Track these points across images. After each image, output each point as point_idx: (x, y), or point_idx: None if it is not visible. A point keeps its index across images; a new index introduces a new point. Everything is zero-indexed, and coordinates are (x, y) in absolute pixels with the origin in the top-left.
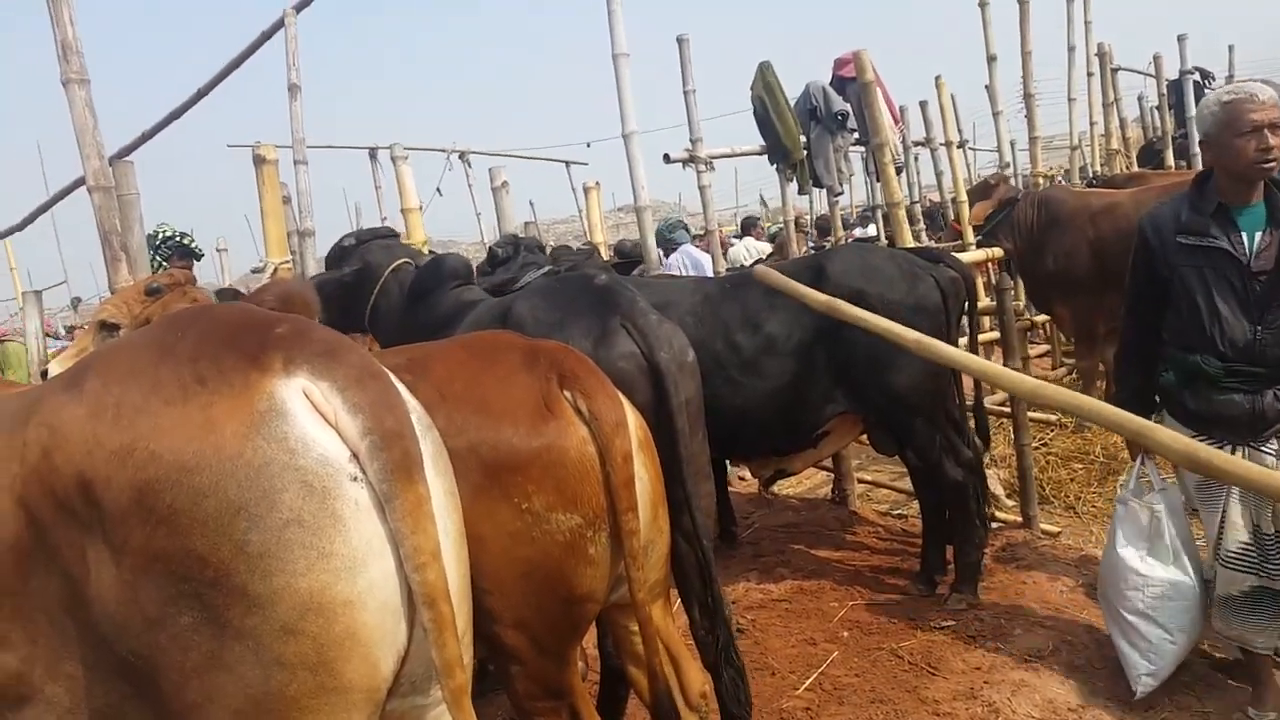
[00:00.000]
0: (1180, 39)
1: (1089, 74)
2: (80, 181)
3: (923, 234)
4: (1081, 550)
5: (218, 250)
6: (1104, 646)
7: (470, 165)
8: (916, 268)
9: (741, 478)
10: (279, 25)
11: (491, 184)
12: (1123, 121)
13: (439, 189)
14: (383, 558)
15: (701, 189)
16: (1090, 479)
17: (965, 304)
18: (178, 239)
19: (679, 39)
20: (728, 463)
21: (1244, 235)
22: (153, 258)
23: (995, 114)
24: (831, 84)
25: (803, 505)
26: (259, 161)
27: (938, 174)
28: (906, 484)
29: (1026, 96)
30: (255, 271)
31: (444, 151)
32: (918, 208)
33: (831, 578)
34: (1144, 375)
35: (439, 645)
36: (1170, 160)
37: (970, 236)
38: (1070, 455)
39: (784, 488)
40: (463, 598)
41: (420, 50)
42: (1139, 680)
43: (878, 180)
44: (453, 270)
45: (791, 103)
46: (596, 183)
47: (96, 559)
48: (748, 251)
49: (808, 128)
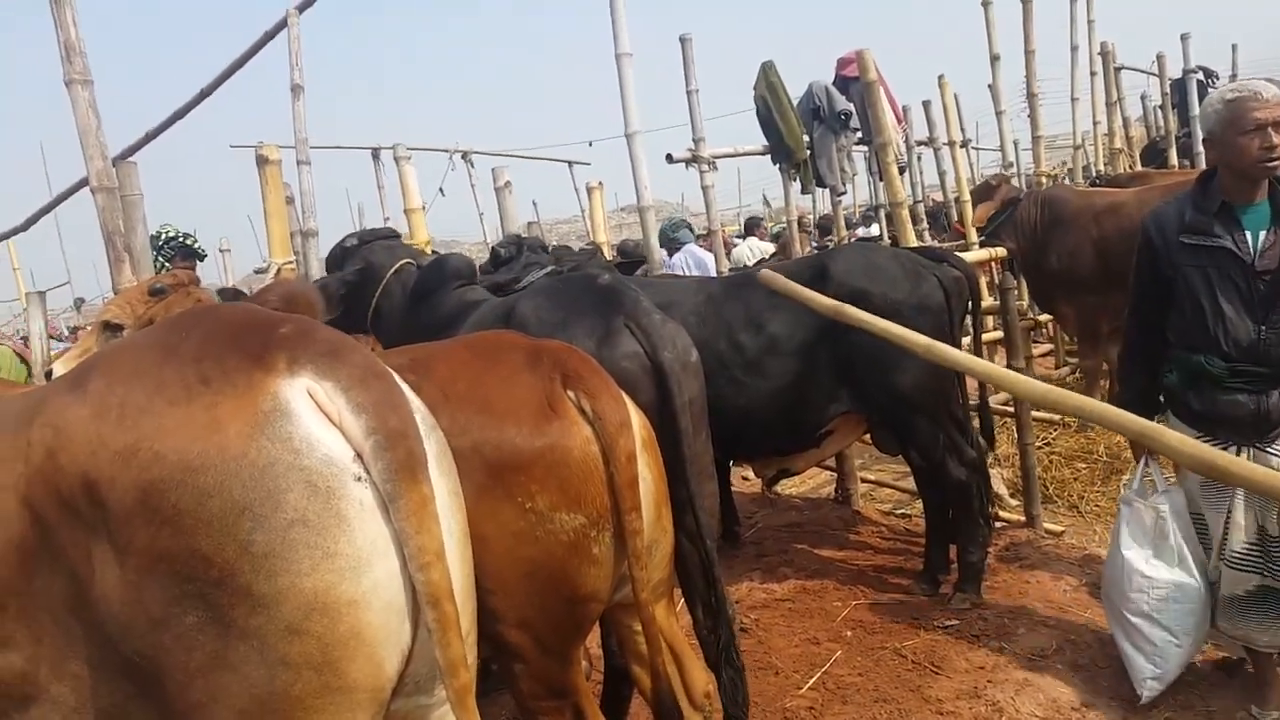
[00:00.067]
0: (1184, 38)
1: (1092, 73)
2: (83, 182)
3: (925, 233)
4: (1085, 549)
5: (221, 251)
6: (1107, 646)
7: (473, 165)
8: (920, 267)
9: (745, 477)
10: (282, 26)
11: (494, 184)
12: (1126, 121)
13: (442, 189)
14: (387, 557)
15: (704, 189)
16: (1094, 478)
17: (968, 303)
18: (181, 239)
19: (682, 39)
20: (730, 462)
21: (1248, 234)
22: (155, 258)
23: (998, 113)
24: (834, 83)
25: (806, 505)
26: (262, 162)
27: (941, 173)
28: (910, 483)
29: (1030, 96)
30: (259, 272)
31: (447, 151)
32: (921, 207)
33: (835, 577)
34: (1148, 375)
35: (443, 645)
36: (1174, 159)
37: (974, 236)
38: (1073, 454)
39: (787, 487)
40: (467, 597)
41: (423, 50)
42: (1144, 684)
43: (881, 180)
44: (455, 270)
45: (794, 102)
46: (599, 183)
47: (101, 559)
48: (751, 252)
49: (811, 127)
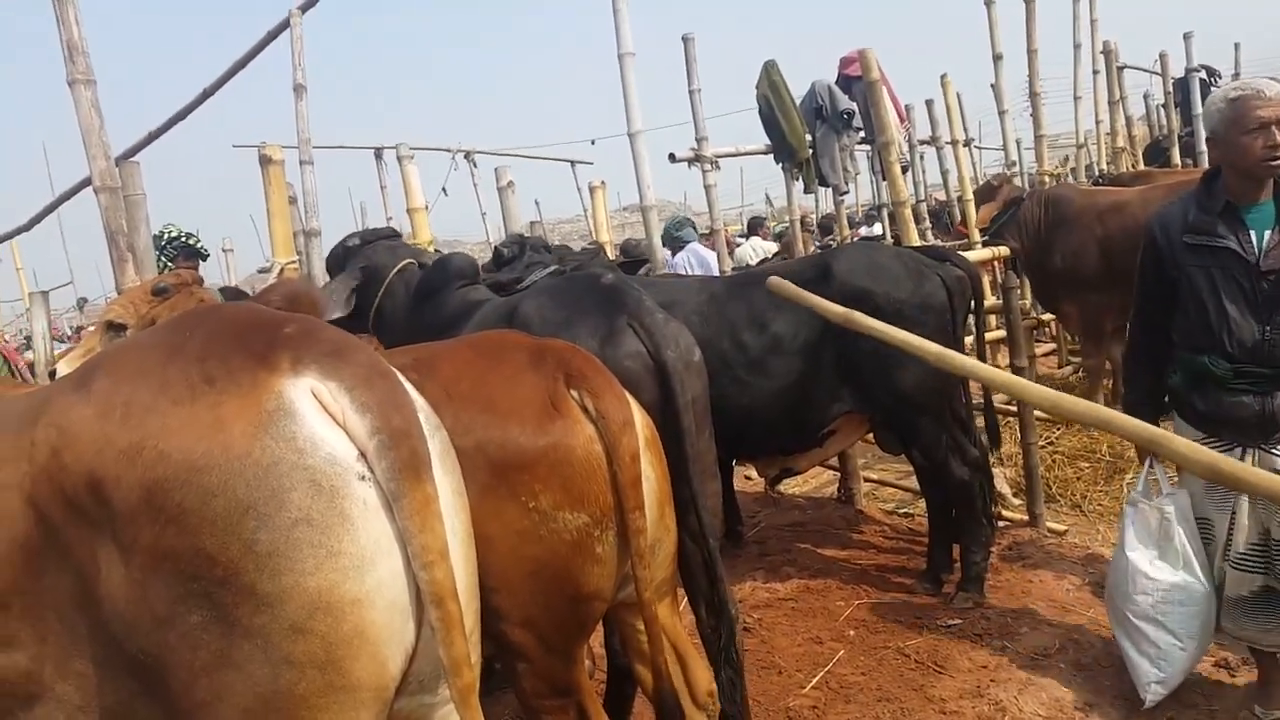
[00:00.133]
0: (1186, 36)
1: (1095, 72)
2: (86, 182)
3: (928, 233)
4: (1088, 549)
5: (224, 250)
6: (1110, 645)
7: (475, 165)
8: (923, 266)
9: (748, 477)
10: (284, 25)
11: (497, 184)
12: (1129, 120)
13: (444, 189)
14: (391, 556)
15: (707, 188)
16: (1097, 477)
17: (971, 303)
18: (183, 239)
19: (684, 38)
20: (733, 462)
21: (1252, 234)
22: (158, 258)
23: (1001, 112)
24: (837, 83)
25: (809, 504)
26: (265, 162)
27: (943, 172)
28: (913, 483)
29: (1032, 95)
30: (262, 271)
31: (449, 151)
32: (923, 206)
33: (838, 576)
34: (1153, 376)
35: (447, 644)
36: (1176, 158)
37: (976, 236)
38: (1077, 454)
39: (790, 486)
40: (470, 596)
41: (425, 50)
42: (1148, 688)
43: (883, 179)
44: (459, 270)
45: (797, 101)
46: (602, 182)
47: (106, 558)
48: (754, 251)
49: (813, 126)
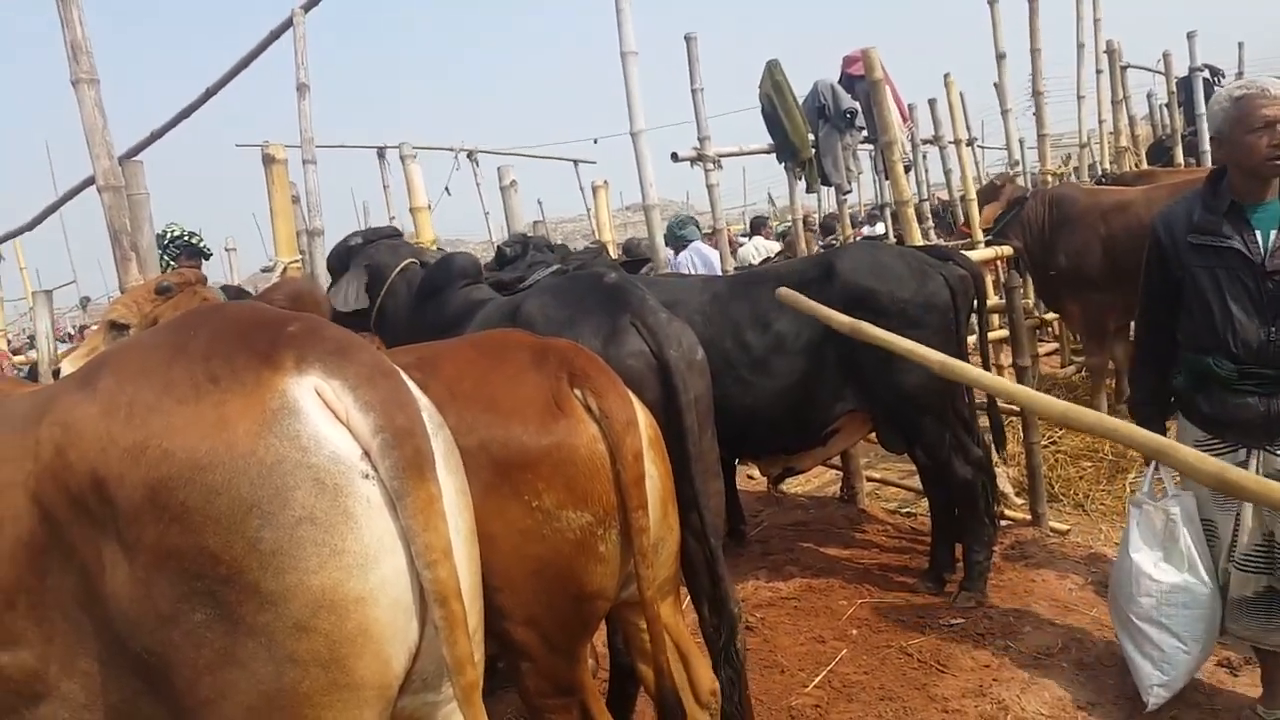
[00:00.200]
0: (1190, 36)
1: (1098, 71)
2: (90, 181)
3: (931, 232)
4: (1090, 548)
5: (226, 249)
6: (1113, 644)
7: (478, 164)
8: (926, 265)
9: (750, 476)
10: (287, 25)
11: (500, 183)
12: (1132, 119)
13: (447, 188)
14: (394, 555)
15: (709, 187)
16: (1099, 477)
17: (974, 302)
18: (186, 238)
19: (687, 37)
20: (736, 461)
21: (1258, 234)
22: (161, 257)
23: (1004, 112)
24: (840, 82)
25: (811, 503)
26: (268, 161)
27: (946, 172)
28: (915, 482)
29: (1035, 94)
30: (265, 271)
31: (452, 151)
32: (926, 205)
33: (840, 576)
34: (1159, 377)
35: (450, 642)
36: (1180, 158)
37: (979, 235)
38: (1079, 453)
39: (793, 486)
40: (474, 595)
41: (428, 49)
42: (1150, 691)
43: (886, 178)
44: (461, 269)
45: (800, 101)
46: (605, 181)
47: (110, 556)
48: (756, 251)
49: (816, 126)
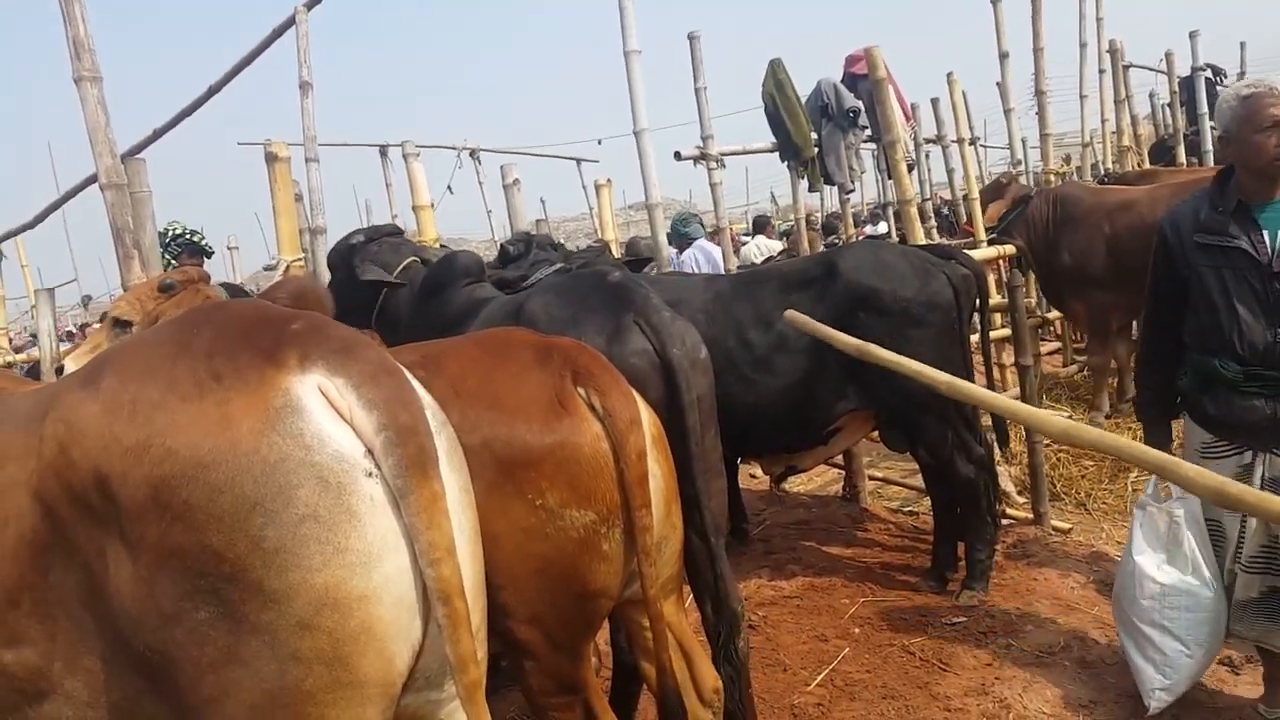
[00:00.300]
0: (1192, 35)
1: (1100, 71)
2: (92, 179)
3: (934, 231)
4: (1092, 546)
5: (229, 248)
6: (1115, 643)
7: (481, 163)
8: (929, 264)
9: (753, 475)
10: (290, 23)
11: (503, 181)
12: (1134, 118)
13: (450, 186)
14: (398, 553)
15: (713, 186)
16: (1101, 476)
17: (977, 301)
18: (188, 236)
19: (690, 36)
20: (739, 460)
21: (1265, 234)
22: (162, 255)
23: (1007, 111)
24: (843, 81)
25: (814, 502)
26: (271, 159)
27: (949, 171)
28: (918, 481)
29: (1038, 93)
30: (267, 269)
31: (455, 149)
32: (929, 205)
33: (843, 574)
34: (1165, 378)
35: (453, 641)
36: (1182, 157)
37: (982, 234)
38: (1081, 452)
39: (795, 485)
40: (477, 593)
41: (431, 48)
42: (1152, 695)
43: (889, 177)
44: (464, 268)
45: (803, 100)
46: (608, 180)
47: (114, 554)
48: (758, 250)
49: (819, 125)
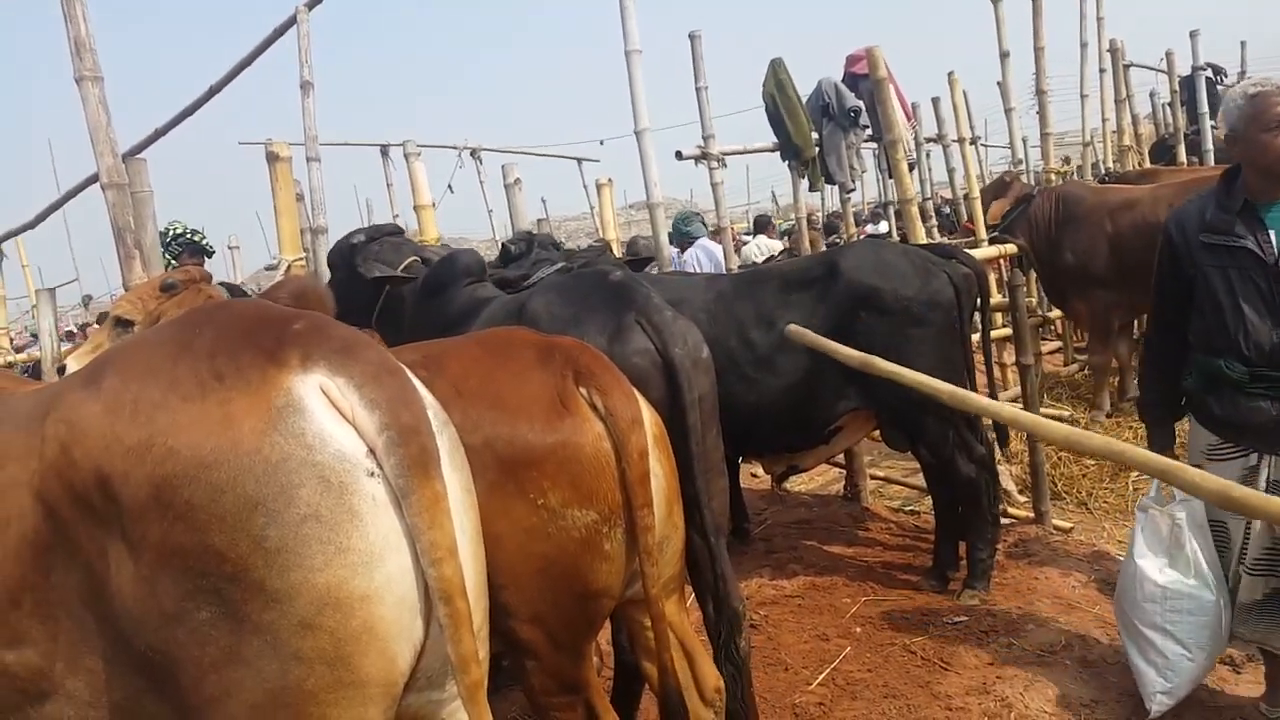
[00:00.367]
0: (1192, 34)
1: (1101, 70)
2: (93, 179)
3: (934, 230)
4: (1094, 546)
5: (230, 247)
6: (1116, 642)
7: (482, 162)
8: (930, 264)
9: (754, 474)
10: (291, 22)
11: (504, 181)
12: (1135, 118)
13: (451, 186)
14: (399, 553)
15: (714, 186)
16: (1102, 475)
17: (978, 300)
18: (189, 236)
19: (691, 35)
20: (740, 459)
21: (1271, 234)
22: (163, 255)
23: (1008, 110)
24: (844, 80)
25: (815, 501)
26: (272, 159)
27: (949, 170)
28: (919, 480)
29: (1039, 93)
30: (268, 269)
31: (456, 149)
32: (930, 204)
33: (844, 574)
34: (1169, 379)
35: (455, 640)
36: (1182, 157)
37: (983, 233)
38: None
39: (796, 484)
40: (479, 593)
41: (432, 48)
42: (1153, 698)
43: (890, 177)
44: (466, 267)
45: (804, 100)
46: (609, 179)
47: (115, 554)
48: (758, 250)
49: (820, 124)
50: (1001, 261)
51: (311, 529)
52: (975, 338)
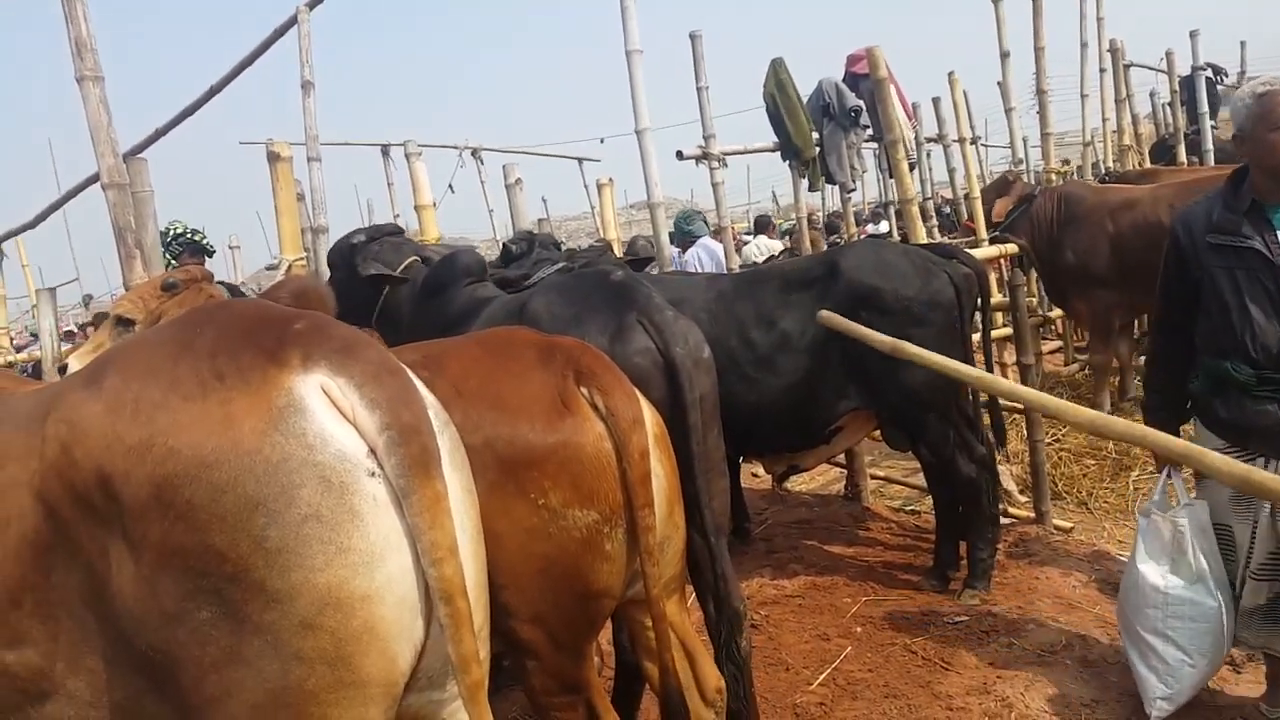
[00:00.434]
0: (1192, 35)
1: (1101, 70)
2: (94, 178)
3: (935, 230)
4: (1094, 545)
5: (230, 247)
6: (1117, 641)
7: (483, 162)
8: (930, 263)
9: (755, 474)
10: (291, 22)
11: (505, 181)
12: (1135, 118)
13: (452, 186)
14: (400, 553)
15: (714, 186)
16: (1103, 475)
17: (979, 300)
18: (189, 236)
19: (692, 35)
20: (741, 459)
21: (1279, 235)
22: (163, 255)
23: (1008, 110)
24: (844, 80)
25: (816, 501)
26: (273, 158)
27: (950, 170)
28: (919, 480)
29: (1039, 93)
30: (269, 268)
31: (457, 149)
32: (930, 204)
33: (845, 574)
34: (1174, 381)
35: (456, 640)
36: (1182, 157)
37: (983, 232)
38: (1083, 451)
39: (797, 484)
40: (480, 593)
41: (433, 47)
42: (1153, 704)
43: (890, 176)
44: (466, 267)
45: (804, 100)
46: (610, 179)
47: (116, 554)
48: (758, 250)
49: (821, 124)
50: (1002, 261)
51: (312, 529)
52: (976, 337)
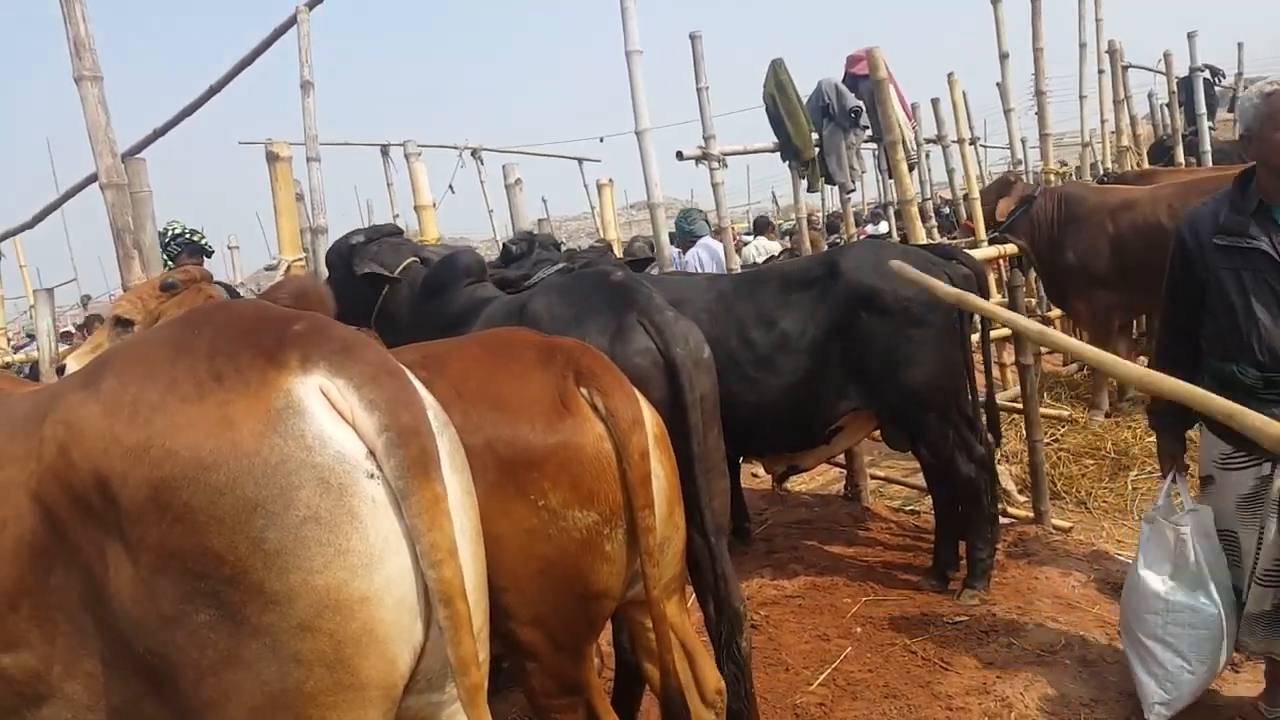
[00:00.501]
0: (1190, 36)
1: (1100, 71)
2: (92, 178)
3: (934, 230)
4: (1093, 545)
5: (229, 247)
6: (1116, 641)
7: (483, 162)
8: (930, 264)
9: (755, 474)
10: (291, 22)
11: (505, 181)
12: (1133, 119)
13: (451, 186)
14: (399, 554)
15: (714, 186)
16: (1102, 474)
17: None
18: (188, 236)
19: (692, 36)
20: (741, 459)
21: None
22: (162, 255)
23: (1007, 111)
24: (844, 81)
25: (816, 501)
26: (272, 158)
27: (949, 171)
28: (919, 480)
29: (1038, 94)
30: (268, 269)
31: (457, 149)
32: (930, 204)
33: (844, 574)
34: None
35: (455, 642)
36: (1180, 157)
37: (983, 233)
38: (1082, 451)
39: (797, 484)
40: (479, 595)
41: (432, 47)
42: (1152, 709)
43: (890, 177)
44: (466, 267)
45: (804, 100)
46: (610, 179)
47: (114, 557)
48: (758, 251)
49: (820, 125)
50: (1001, 262)
51: (311, 531)
52: (975, 338)
